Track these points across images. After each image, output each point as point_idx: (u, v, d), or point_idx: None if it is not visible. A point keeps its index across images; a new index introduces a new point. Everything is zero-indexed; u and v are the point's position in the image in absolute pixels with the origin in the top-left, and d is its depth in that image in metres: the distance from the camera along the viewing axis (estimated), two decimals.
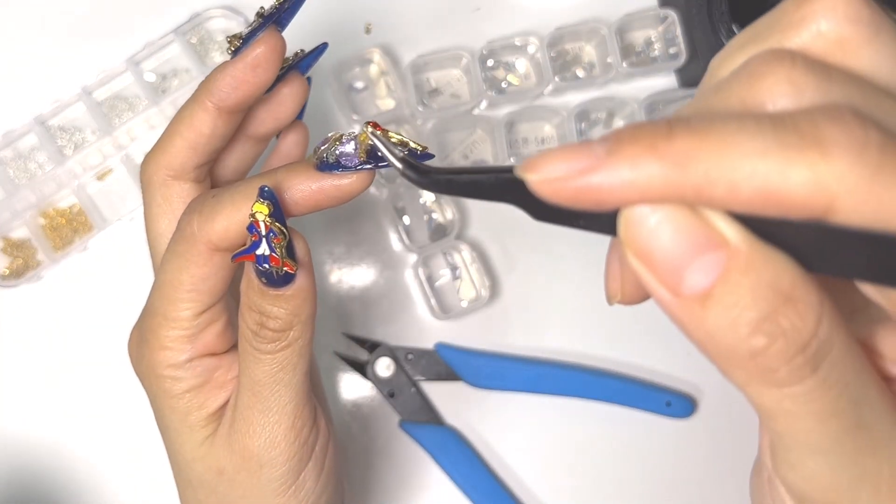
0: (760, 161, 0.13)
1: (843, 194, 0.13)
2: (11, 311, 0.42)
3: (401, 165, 0.19)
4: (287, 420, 0.24)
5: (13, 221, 0.41)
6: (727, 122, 0.14)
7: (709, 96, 0.16)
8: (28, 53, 0.43)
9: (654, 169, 0.14)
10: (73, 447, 0.41)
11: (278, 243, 0.22)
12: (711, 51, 0.42)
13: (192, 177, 0.27)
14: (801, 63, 0.14)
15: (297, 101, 0.28)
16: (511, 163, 0.42)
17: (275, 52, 0.25)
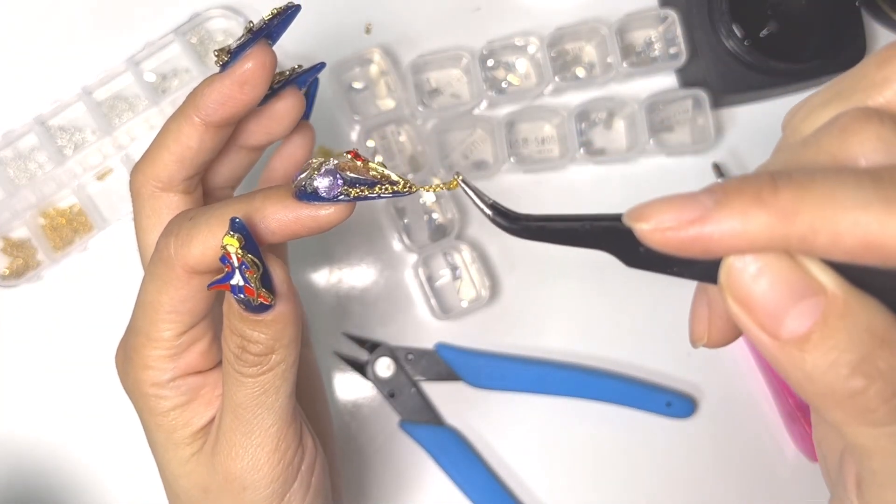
0: (862, 213, 0.14)
1: None
2: (11, 311, 0.42)
3: (490, 212, 0.19)
4: (270, 443, 0.24)
5: (13, 221, 0.41)
6: (828, 175, 0.14)
7: (798, 151, 0.16)
8: (28, 53, 0.43)
9: (762, 220, 0.14)
10: (73, 447, 0.41)
11: (251, 275, 0.22)
12: (712, 51, 0.42)
13: (181, 188, 0.27)
14: (889, 121, 0.15)
15: (291, 117, 0.28)
16: (509, 164, 0.42)
17: (264, 69, 0.25)
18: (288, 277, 0.23)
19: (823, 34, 0.42)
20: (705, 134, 0.43)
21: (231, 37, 0.43)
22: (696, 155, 0.44)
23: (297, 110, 0.27)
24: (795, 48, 0.41)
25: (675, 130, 0.45)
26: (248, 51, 0.24)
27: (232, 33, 0.43)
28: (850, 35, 0.42)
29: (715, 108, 0.44)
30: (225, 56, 0.25)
